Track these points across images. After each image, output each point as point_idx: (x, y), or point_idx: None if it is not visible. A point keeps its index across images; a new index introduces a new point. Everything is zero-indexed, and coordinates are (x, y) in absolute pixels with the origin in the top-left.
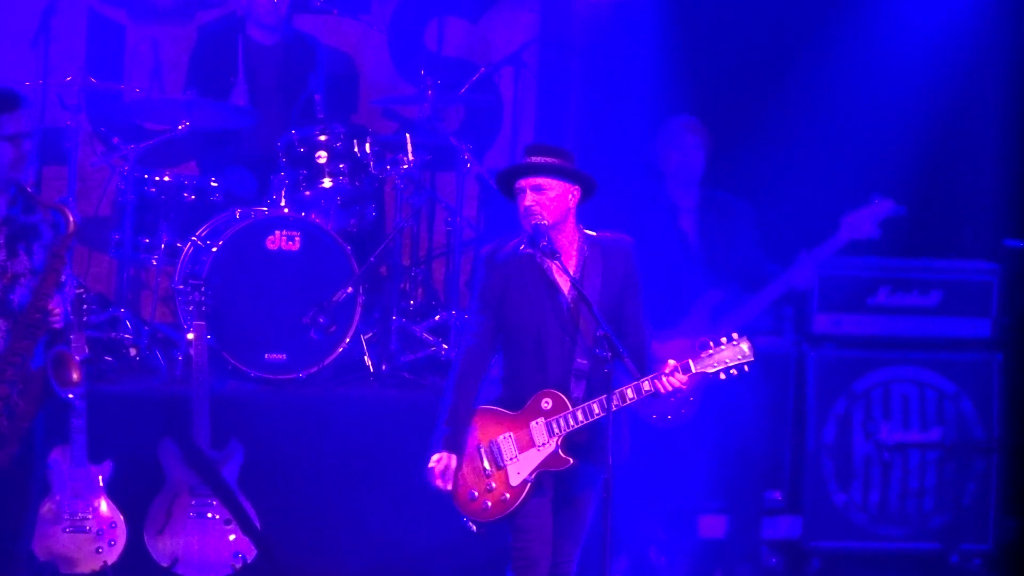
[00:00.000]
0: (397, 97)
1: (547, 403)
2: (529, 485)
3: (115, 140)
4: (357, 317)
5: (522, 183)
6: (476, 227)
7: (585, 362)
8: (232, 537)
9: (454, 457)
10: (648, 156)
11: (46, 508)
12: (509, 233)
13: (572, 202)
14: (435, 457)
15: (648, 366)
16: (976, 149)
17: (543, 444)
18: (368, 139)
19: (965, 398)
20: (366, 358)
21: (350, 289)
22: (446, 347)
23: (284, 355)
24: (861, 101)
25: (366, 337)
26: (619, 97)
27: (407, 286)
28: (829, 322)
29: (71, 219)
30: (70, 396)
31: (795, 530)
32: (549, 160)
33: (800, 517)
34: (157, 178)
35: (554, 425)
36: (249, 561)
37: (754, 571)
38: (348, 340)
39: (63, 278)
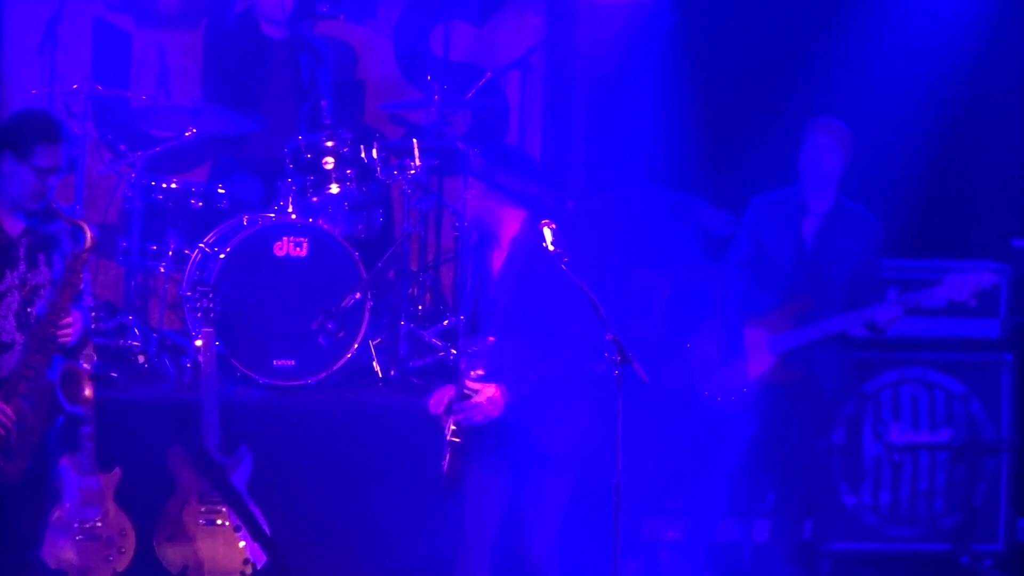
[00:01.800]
0: (404, 102)
1: None
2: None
3: (122, 147)
4: (365, 322)
5: None
6: None
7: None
8: (242, 544)
9: None
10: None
11: (55, 516)
12: None
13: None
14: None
15: None
16: (984, 148)
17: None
18: (375, 144)
19: (974, 399)
20: (375, 363)
21: (358, 295)
22: (455, 352)
23: (293, 361)
24: (868, 101)
25: (374, 343)
26: (626, 101)
27: (415, 291)
28: None
29: (88, 234)
30: (78, 412)
31: (805, 532)
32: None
33: (810, 519)
34: (164, 185)
35: None
36: (259, 568)
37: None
38: (356, 346)
39: (80, 293)
